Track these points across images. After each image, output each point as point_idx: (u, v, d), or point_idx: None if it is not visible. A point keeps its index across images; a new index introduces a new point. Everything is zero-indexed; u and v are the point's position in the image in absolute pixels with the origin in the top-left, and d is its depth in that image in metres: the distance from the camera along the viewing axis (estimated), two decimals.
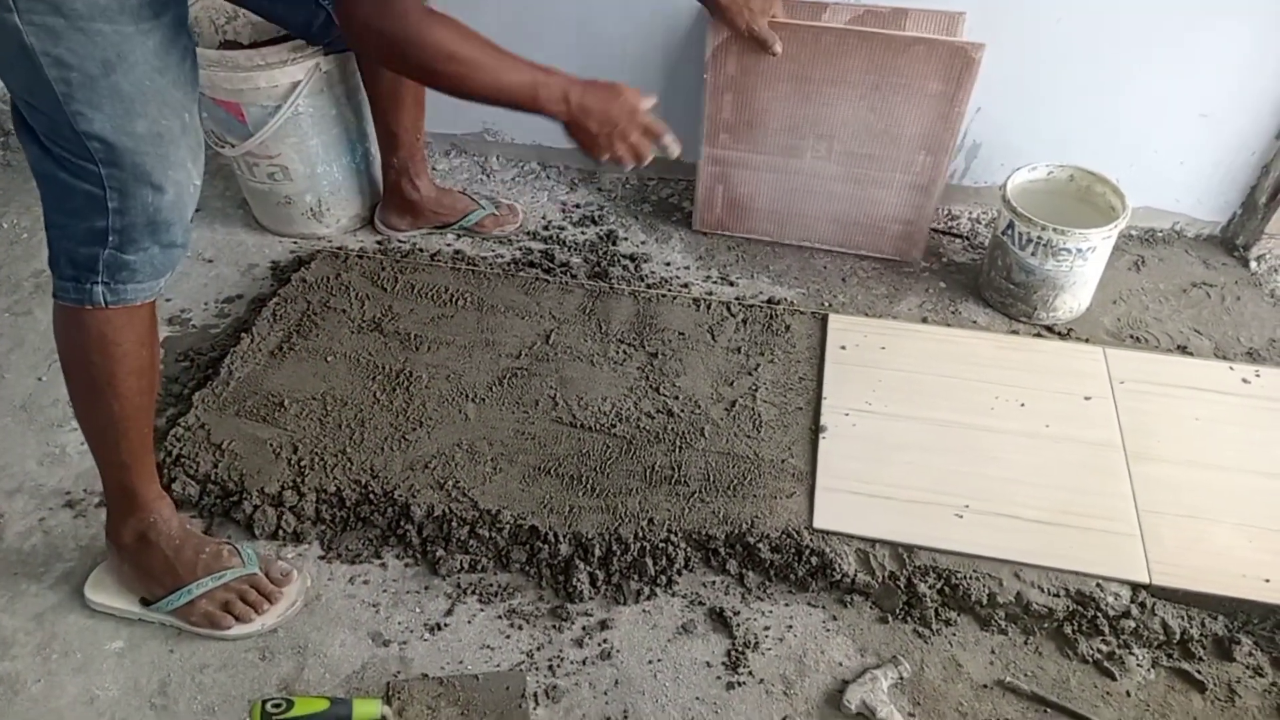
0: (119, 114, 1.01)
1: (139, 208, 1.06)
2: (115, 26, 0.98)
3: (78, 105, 0.99)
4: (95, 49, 0.98)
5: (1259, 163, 1.80)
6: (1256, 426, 1.50)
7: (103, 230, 1.06)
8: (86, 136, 1.01)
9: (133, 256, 1.09)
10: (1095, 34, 1.69)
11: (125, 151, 1.02)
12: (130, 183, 1.04)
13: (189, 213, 1.11)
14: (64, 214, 1.07)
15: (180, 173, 1.08)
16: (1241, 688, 1.23)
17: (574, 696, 1.23)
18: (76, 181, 1.04)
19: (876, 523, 1.36)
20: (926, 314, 1.74)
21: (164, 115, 1.05)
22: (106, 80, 0.99)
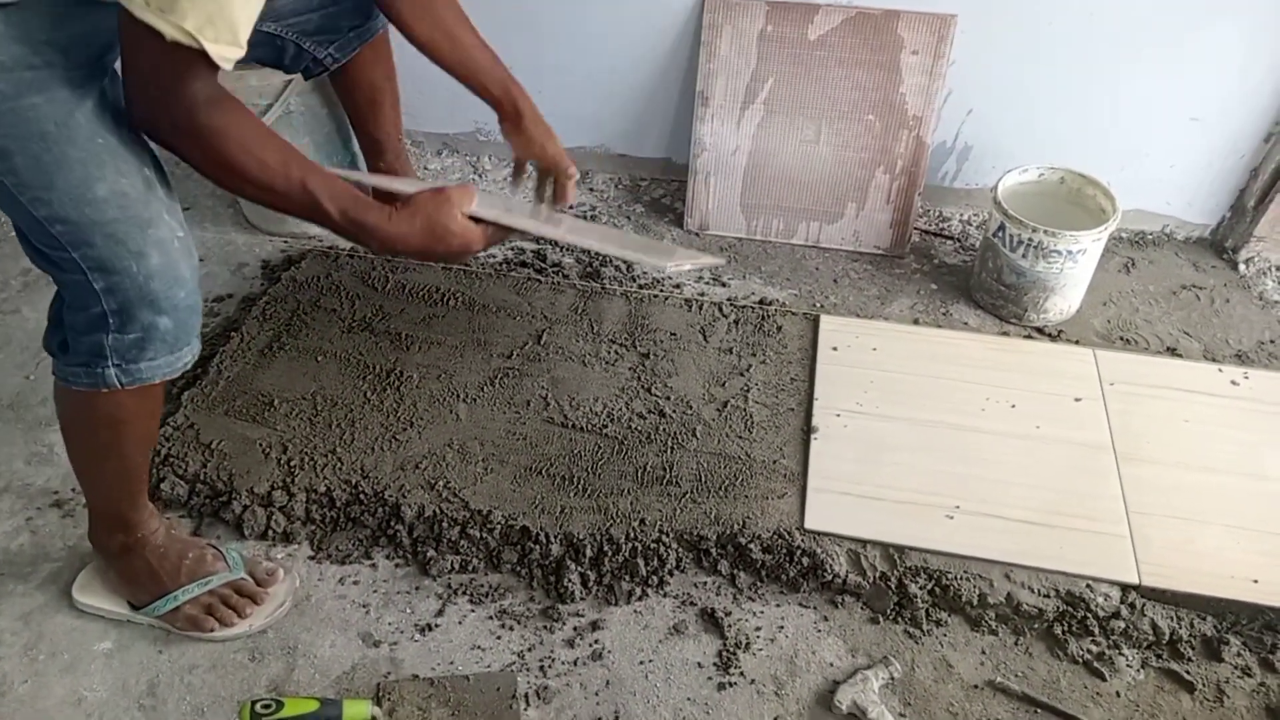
0: (75, 185, 0.95)
1: (127, 282, 0.98)
2: (47, 96, 0.93)
3: (32, 191, 0.94)
4: (32, 125, 0.93)
5: (1248, 166, 1.81)
6: (1245, 428, 1.50)
7: (100, 315, 1.00)
8: (49, 222, 0.95)
9: (137, 334, 1.02)
10: (1086, 37, 1.70)
11: (92, 225, 0.96)
12: (109, 258, 0.97)
13: (185, 268, 1.02)
14: (66, 308, 1.03)
15: (159, 230, 0.99)
16: (1230, 688, 1.24)
17: (565, 697, 1.23)
18: (63, 274, 0.99)
19: (868, 523, 1.36)
20: (918, 315, 1.75)
21: (123, 173, 0.97)
22: (51, 154, 0.93)
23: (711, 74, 1.81)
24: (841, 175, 1.84)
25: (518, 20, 1.83)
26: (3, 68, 0.91)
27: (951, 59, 1.73)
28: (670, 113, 1.94)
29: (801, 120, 1.81)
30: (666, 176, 2.05)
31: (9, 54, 0.91)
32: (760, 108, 1.82)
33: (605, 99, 1.95)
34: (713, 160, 1.87)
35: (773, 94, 1.80)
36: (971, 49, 1.73)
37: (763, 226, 1.90)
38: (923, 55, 1.73)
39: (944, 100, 1.80)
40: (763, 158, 1.85)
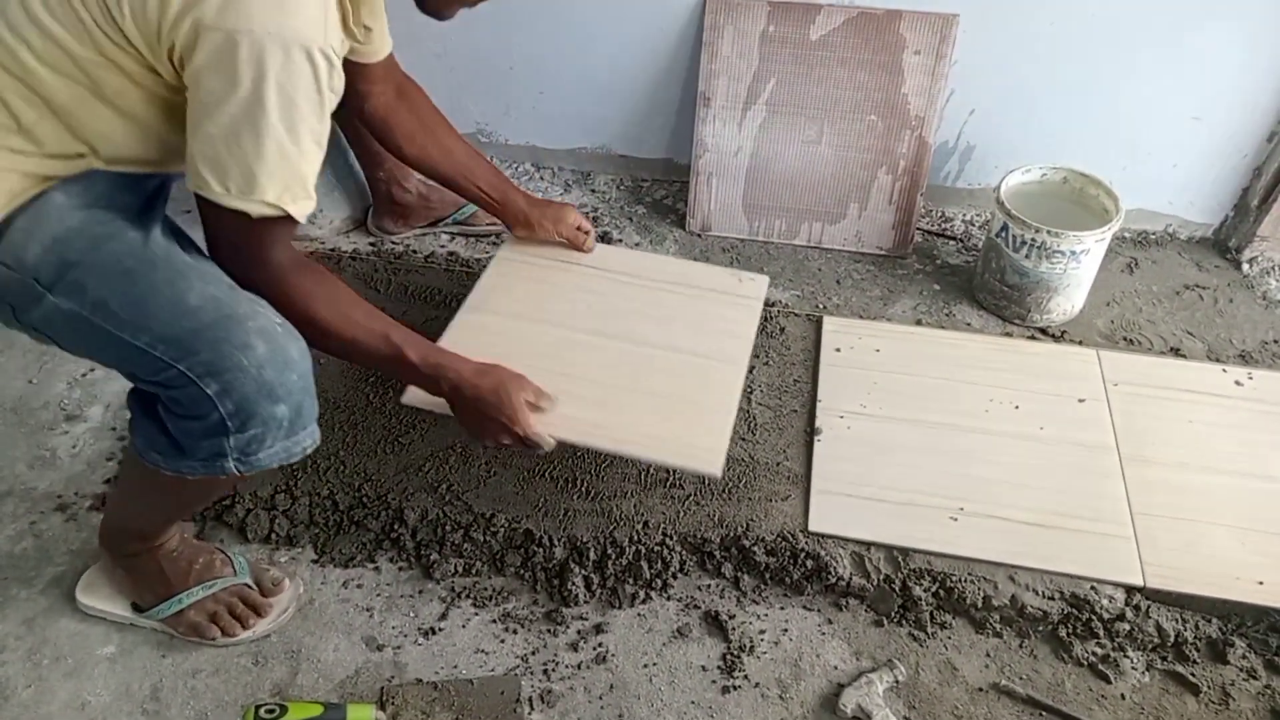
0: (168, 304, 0.97)
1: (240, 377, 0.97)
2: (120, 240, 0.98)
3: (131, 326, 0.97)
4: (115, 268, 0.97)
5: (1251, 165, 1.80)
6: (1249, 429, 1.50)
7: (218, 421, 0.99)
8: (151, 346, 0.97)
9: (258, 429, 1.01)
10: (1089, 37, 1.69)
11: (193, 333, 0.97)
12: (216, 359, 0.96)
13: (294, 351, 1.01)
14: (178, 419, 1.02)
15: (258, 320, 0.99)
16: (1235, 690, 1.24)
17: (569, 701, 1.22)
18: (174, 390, 0.99)
19: (871, 525, 1.36)
20: (921, 316, 1.74)
21: (207, 280, 1.00)
22: (139, 287, 0.97)
23: (713, 74, 1.80)
24: (844, 176, 1.84)
25: (519, 20, 1.82)
26: (75, 233, 0.97)
27: (954, 59, 1.73)
28: (672, 113, 1.94)
29: (803, 121, 1.81)
30: (668, 177, 2.05)
31: (77, 219, 0.98)
32: (762, 108, 1.81)
33: (607, 99, 1.95)
34: (715, 161, 1.87)
35: (775, 94, 1.80)
36: (974, 49, 1.73)
37: (765, 227, 1.90)
38: (925, 55, 1.73)
39: (946, 100, 1.79)
40: (765, 158, 1.85)
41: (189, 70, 0.89)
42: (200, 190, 0.94)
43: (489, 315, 1.46)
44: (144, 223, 1.02)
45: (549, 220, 1.54)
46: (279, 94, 0.89)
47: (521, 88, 1.95)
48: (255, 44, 0.87)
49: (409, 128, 1.43)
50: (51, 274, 0.96)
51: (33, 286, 0.96)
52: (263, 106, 0.89)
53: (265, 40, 0.87)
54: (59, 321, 0.99)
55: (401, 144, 1.44)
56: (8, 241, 0.95)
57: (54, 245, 0.96)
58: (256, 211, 0.94)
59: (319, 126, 0.94)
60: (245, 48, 0.87)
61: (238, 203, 0.94)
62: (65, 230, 0.97)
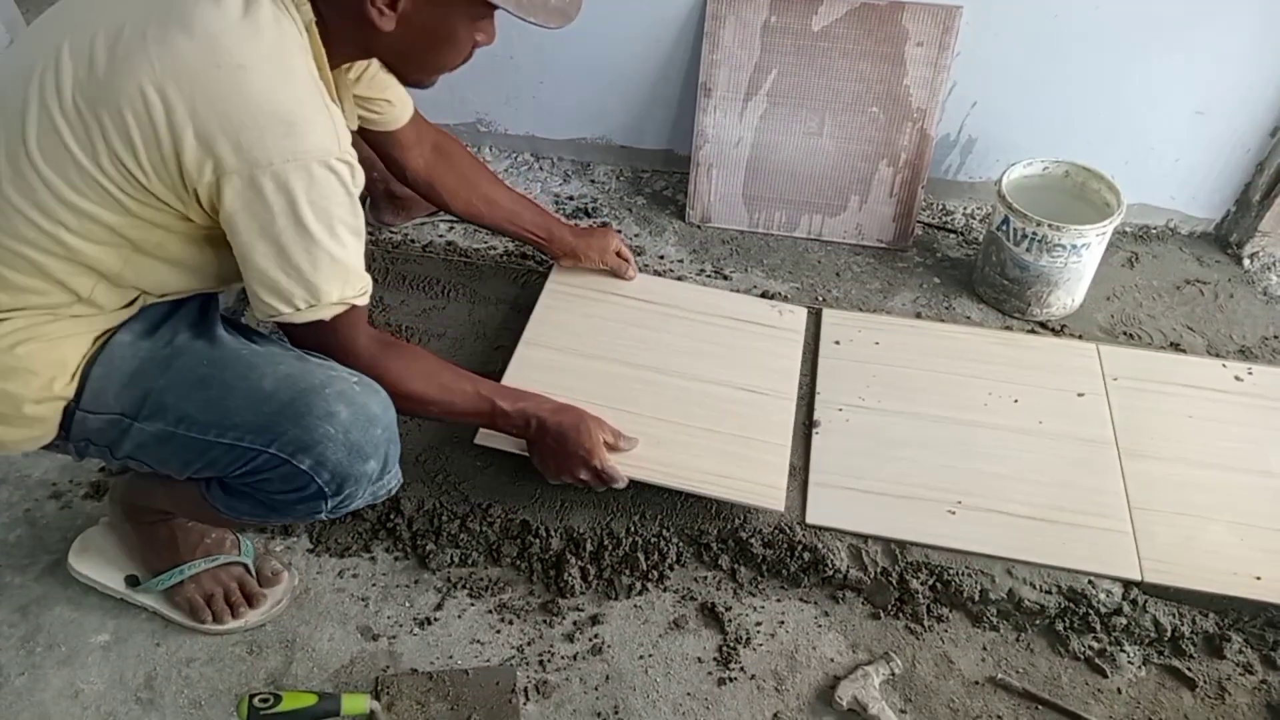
0: (245, 397, 0.99)
1: (330, 446, 0.99)
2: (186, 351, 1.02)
3: (215, 428, 0.99)
4: (189, 378, 1.00)
5: (1253, 160, 1.79)
6: (1249, 424, 1.50)
7: (317, 490, 1.02)
8: (238, 440, 1.00)
9: (352, 488, 1.04)
10: (1092, 30, 1.68)
11: (275, 416, 0.99)
12: (302, 434, 0.99)
13: (375, 406, 1.03)
14: (275, 498, 1.05)
15: (335, 384, 1.01)
16: (1232, 685, 1.24)
17: (564, 692, 1.22)
18: (267, 473, 1.01)
19: (869, 518, 1.36)
20: (920, 309, 1.74)
21: (276, 361, 1.02)
22: (214, 389, 1.00)
23: (714, 65, 1.79)
24: (845, 168, 1.83)
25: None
26: (147, 362, 1.01)
27: (956, 51, 1.72)
28: (672, 104, 1.93)
29: (805, 112, 1.80)
30: (668, 168, 2.04)
31: (145, 349, 1.02)
32: (763, 99, 1.80)
33: (607, 90, 1.94)
34: (715, 152, 1.86)
35: (776, 85, 1.79)
36: (976, 41, 1.72)
37: (765, 219, 1.89)
38: (927, 47, 1.72)
39: (948, 92, 1.78)
40: (765, 150, 1.84)
41: (223, 214, 0.92)
42: (272, 317, 0.99)
43: (545, 351, 1.53)
44: (205, 326, 1.06)
45: (594, 250, 1.63)
46: (313, 210, 0.92)
47: (522, 77, 1.94)
48: (278, 175, 0.90)
49: (452, 185, 1.50)
50: (136, 405, 1.00)
51: (119, 421, 1.01)
52: (303, 225, 0.93)
53: (287, 169, 0.90)
54: (150, 445, 1.02)
55: (448, 201, 1.52)
56: (90, 391, 1.00)
57: (131, 380, 1.00)
58: (329, 315, 1.00)
59: (355, 221, 0.98)
60: (270, 181, 0.90)
61: (309, 315, 0.99)
62: (138, 364, 1.01)
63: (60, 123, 0.89)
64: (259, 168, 0.89)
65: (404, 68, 1.08)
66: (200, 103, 0.87)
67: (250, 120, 0.88)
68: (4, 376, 0.96)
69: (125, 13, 0.90)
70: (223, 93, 0.87)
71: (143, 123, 0.88)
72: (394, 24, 0.97)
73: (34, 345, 0.97)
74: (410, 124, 1.39)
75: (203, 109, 0.87)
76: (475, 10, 1.00)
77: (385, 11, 0.95)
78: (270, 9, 0.92)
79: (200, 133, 0.88)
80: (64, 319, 0.99)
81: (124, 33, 0.89)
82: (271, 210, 0.91)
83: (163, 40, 0.88)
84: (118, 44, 0.88)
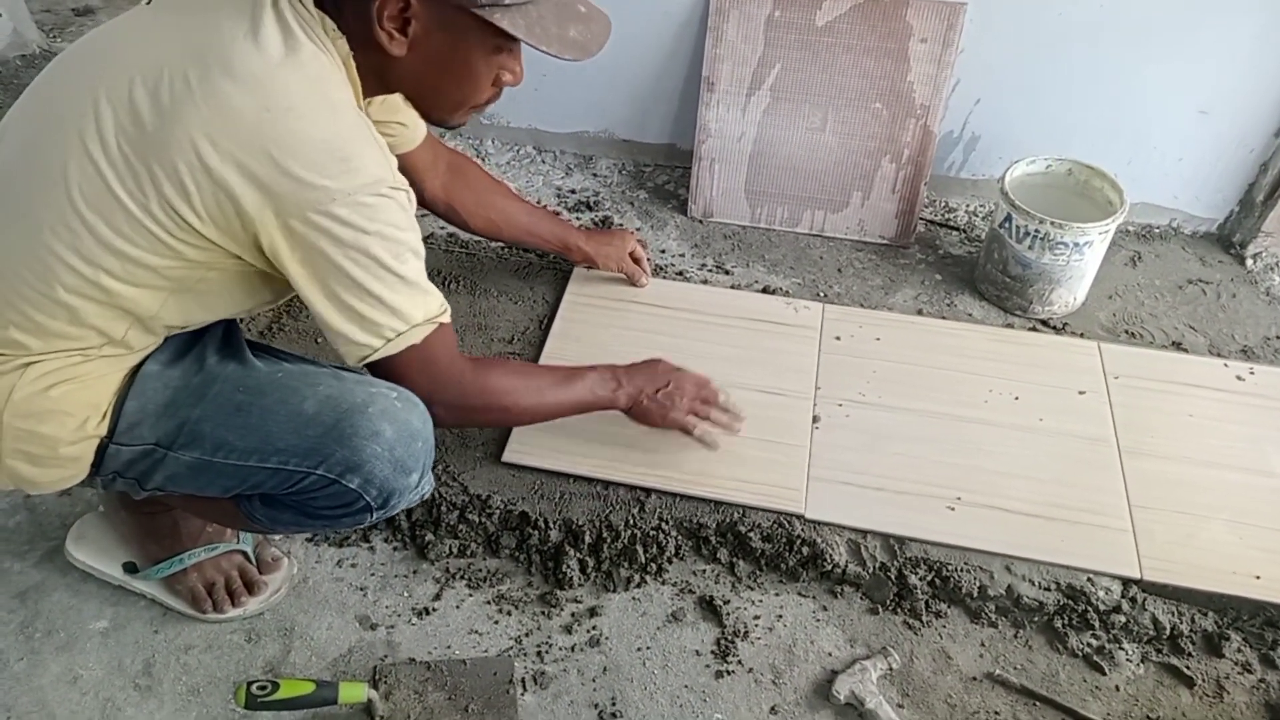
0: (286, 421, 0.99)
1: (377, 465, 1.00)
2: (218, 379, 1.01)
3: (258, 452, 0.99)
4: (226, 407, 1.00)
5: (1257, 160, 1.79)
6: (1249, 424, 1.49)
7: (364, 506, 1.04)
8: (283, 463, 1.00)
9: (397, 500, 1.06)
10: (1096, 27, 1.68)
11: (320, 439, 0.99)
12: (350, 455, 0.99)
13: (416, 420, 1.03)
14: (324, 512, 1.06)
15: (377, 402, 1.00)
16: (1230, 684, 1.23)
17: (562, 683, 1.22)
18: (317, 493, 1.02)
19: (868, 513, 1.35)
20: (922, 306, 1.73)
21: (314, 382, 1.02)
22: (254, 415, 1.00)
23: (717, 59, 1.79)
24: (847, 164, 1.82)
25: None
26: (179, 391, 1.00)
27: (960, 47, 1.72)
28: (675, 98, 1.92)
29: (808, 107, 1.80)
30: (671, 163, 2.04)
31: (176, 378, 1.01)
32: (766, 94, 1.80)
33: (610, 84, 1.93)
34: (718, 147, 1.86)
35: (779, 80, 1.79)
36: (980, 38, 1.71)
37: (767, 214, 1.89)
38: (931, 43, 1.72)
39: (952, 89, 1.78)
40: (768, 145, 1.84)
41: (285, 255, 0.92)
42: (368, 357, 0.98)
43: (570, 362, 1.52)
44: (232, 348, 1.06)
45: (610, 256, 1.65)
46: (381, 239, 0.92)
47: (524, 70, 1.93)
48: (340, 211, 0.90)
49: (470, 205, 1.50)
50: (170, 435, 1.00)
51: (153, 451, 1.00)
52: (373, 255, 0.92)
53: (351, 204, 0.90)
54: (184, 474, 1.02)
55: (467, 221, 1.52)
56: (123, 425, 0.99)
57: (165, 411, 1.00)
58: (420, 337, 0.99)
59: (418, 244, 0.98)
60: (337, 217, 0.90)
61: (402, 343, 0.98)
62: (171, 394, 1.00)
63: (107, 172, 0.88)
64: (321, 206, 0.89)
65: (424, 102, 1.06)
66: (254, 148, 0.87)
67: (306, 160, 0.88)
68: (40, 420, 0.95)
69: (159, 55, 0.89)
70: (275, 135, 0.87)
71: (197, 172, 0.87)
72: (405, 49, 0.94)
73: (68, 386, 0.96)
74: (424, 145, 1.36)
75: (258, 154, 0.87)
76: (491, 41, 0.97)
77: (395, 36, 0.93)
78: (310, 46, 0.91)
79: (257, 178, 0.87)
80: (95, 359, 0.98)
81: (164, 78, 0.87)
82: (343, 244, 0.91)
83: (208, 87, 0.87)
84: (160, 91, 0.87)
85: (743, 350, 1.57)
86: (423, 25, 0.93)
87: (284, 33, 0.90)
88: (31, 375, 0.95)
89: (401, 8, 0.91)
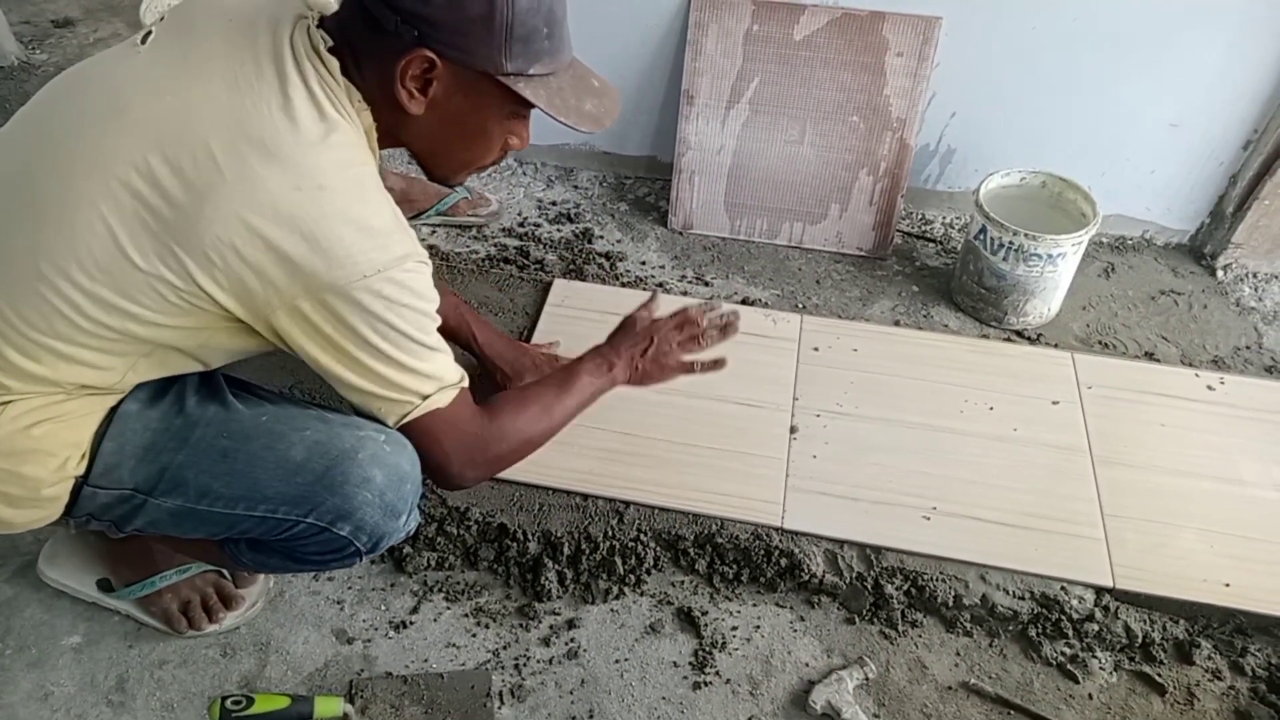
0: (274, 468, 0.98)
1: (368, 511, 1.00)
2: (200, 424, 0.99)
3: (246, 500, 0.98)
4: (211, 453, 0.98)
5: (1227, 173, 1.82)
6: (1220, 433, 1.51)
7: (354, 551, 1.03)
8: (272, 511, 0.99)
9: (386, 541, 1.05)
10: (1069, 42, 1.70)
11: (310, 486, 0.98)
12: (341, 503, 0.99)
13: (404, 463, 1.01)
14: (313, 556, 1.05)
15: (366, 447, 0.99)
16: (1201, 691, 1.25)
17: (540, 696, 1.22)
18: (308, 540, 1.02)
19: (845, 523, 1.36)
20: (899, 317, 1.75)
21: (300, 427, 1.01)
22: (240, 461, 0.98)
23: (697, 72, 1.81)
24: (825, 176, 1.84)
25: None
26: (160, 434, 0.98)
27: (936, 61, 1.74)
28: (655, 111, 1.94)
29: (786, 120, 1.81)
30: (651, 175, 2.05)
31: (156, 419, 0.98)
32: (745, 107, 1.82)
33: None
34: (697, 159, 1.87)
35: (758, 94, 1.80)
36: (956, 52, 1.74)
37: (746, 226, 1.90)
38: (907, 57, 1.74)
39: (928, 103, 1.80)
40: (747, 157, 1.85)
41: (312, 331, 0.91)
42: (407, 416, 0.97)
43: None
44: (212, 389, 1.04)
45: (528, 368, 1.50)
46: (411, 311, 0.93)
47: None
48: (374, 285, 0.89)
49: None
50: (151, 481, 0.98)
51: (132, 497, 0.98)
52: (400, 331, 0.92)
53: (383, 279, 0.89)
54: (165, 519, 1.00)
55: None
56: (101, 466, 0.97)
57: (145, 455, 0.98)
58: (450, 399, 0.99)
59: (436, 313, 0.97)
60: (368, 290, 0.89)
61: (442, 398, 0.98)
62: (151, 436, 0.98)
63: (123, 238, 0.87)
64: (352, 282, 0.88)
65: (431, 159, 1.05)
66: (286, 227, 0.86)
67: (338, 239, 0.87)
68: (21, 460, 0.93)
69: (178, 122, 0.87)
70: (307, 214, 0.86)
71: (224, 248, 0.86)
72: (423, 109, 0.94)
73: (50, 425, 0.94)
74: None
75: (289, 233, 0.86)
76: (509, 107, 0.97)
77: (415, 95, 0.93)
78: (344, 125, 0.91)
79: (288, 256, 0.86)
80: (77, 398, 0.95)
81: (187, 150, 0.86)
82: (373, 318, 0.90)
83: (238, 165, 0.86)
84: (183, 165, 0.86)
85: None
86: (444, 86, 0.93)
87: (316, 108, 0.89)
88: (12, 414, 0.92)
89: (425, 68, 0.91)
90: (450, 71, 0.91)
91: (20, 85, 2.27)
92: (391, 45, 0.89)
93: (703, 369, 1.28)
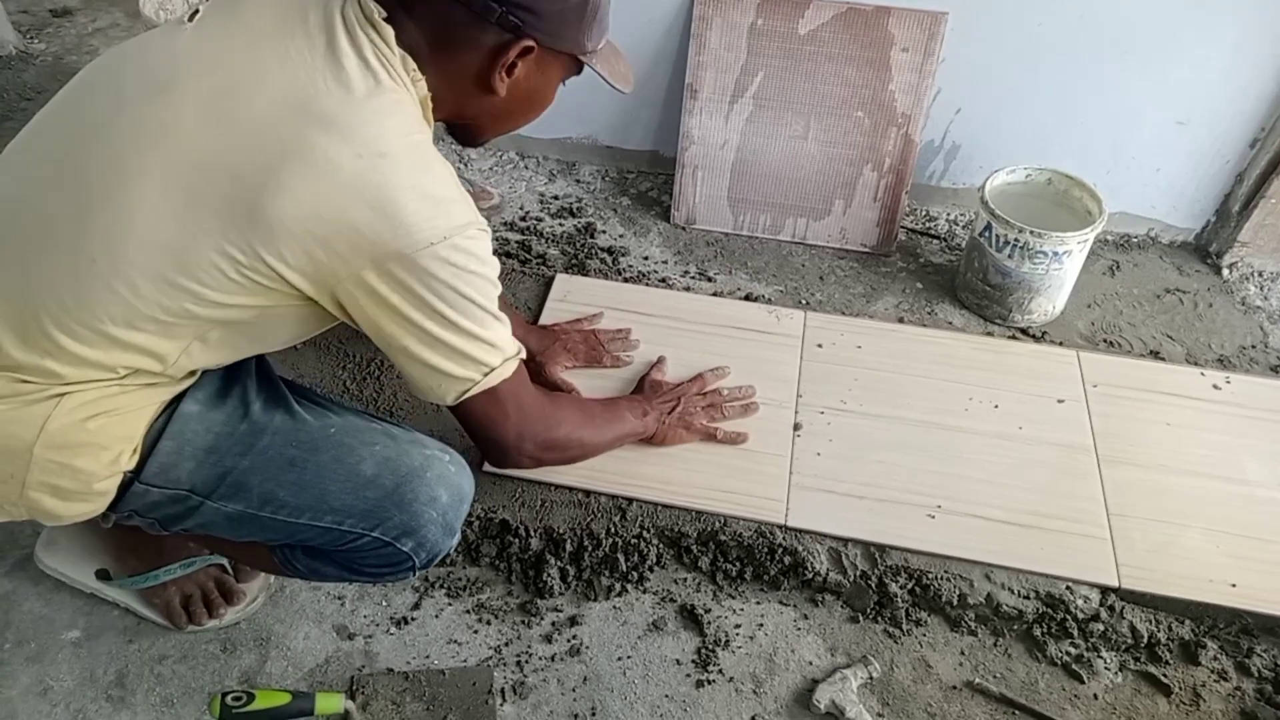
0: (343, 480, 0.99)
1: (431, 528, 1.02)
2: (268, 431, 0.99)
3: (311, 510, 0.99)
4: (278, 461, 0.98)
5: (1233, 171, 1.81)
6: (1226, 433, 1.51)
7: (410, 565, 1.04)
8: (338, 524, 0.99)
9: (438, 557, 1.07)
10: (1075, 39, 1.69)
11: (380, 501, 0.99)
12: (408, 519, 1.00)
13: (465, 484, 1.05)
14: (368, 568, 1.06)
15: (434, 467, 1.01)
16: (1206, 691, 1.24)
17: (542, 693, 1.21)
18: (368, 553, 1.02)
19: (849, 521, 1.36)
20: (903, 314, 1.74)
21: (370, 441, 1.01)
22: (309, 471, 0.98)
23: (701, 66, 1.79)
24: (829, 172, 1.83)
25: None
26: (223, 438, 0.97)
27: (941, 57, 1.73)
28: (658, 105, 1.93)
29: (790, 115, 1.80)
30: (654, 169, 2.04)
31: (218, 422, 0.98)
32: (749, 102, 1.80)
33: (593, 90, 1.92)
34: (700, 154, 1.86)
35: (762, 88, 1.79)
36: (961, 47, 1.73)
37: (750, 222, 1.89)
38: (913, 53, 1.73)
39: (933, 98, 1.79)
40: (751, 152, 1.84)
41: (377, 301, 0.90)
42: (468, 391, 0.97)
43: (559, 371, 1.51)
44: (276, 395, 1.03)
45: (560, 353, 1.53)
46: (476, 278, 0.93)
47: None
48: (440, 252, 0.88)
49: None
50: (210, 484, 0.97)
51: (187, 498, 0.97)
52: (467, 296, 0.92)
53: (449, 246, 0.89)
54: (220, 522, 1.00)
55: None
56: (156, 465, 0.95)
57: (206, 457, 0.97)
58: (512, 370, 1.00)
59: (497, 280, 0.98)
60: (435, 257, 0.88)
61: (504, 372, 0.99)
62: (213, 439, 0.97)
63: (188, 217, 0.85)
64: (419, 249, 0.87)
65: (489, 129, 1.07)
66: (349, 196, 0.85)
67: (402, 206, 0.86)
68: (75, 453, 0.91)
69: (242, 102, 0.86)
70: (370, 182, 0.85)
71: (289, 221, 0.85)
72: (506, 89, 0.97)
73: (105, 419, 0.92)
74: None
75: (352, 202, 0.85)
76: (567, 76, 1.04)
77: (504, 78, 0.96)
78: (401, 93, 0.91)
79: (353, 225, 0.85)
80: (133, 391, 0.93)
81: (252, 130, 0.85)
82: (441, 285, 0.90)
83: (299, 138, 0.85)
84: (244, 143, 0.85)
85: (725, 358, 1.57)
86: (527, 68, 0.96)
87: (371, 76, 0.88)
88: (68, 405, 0.90)
89: (522, 54, 0.93)
90: (539, 54, 0.95)
91: (18, 75, 2.26)
92: (488, 33, 0.92)
93: (724, 437, 1.38)
